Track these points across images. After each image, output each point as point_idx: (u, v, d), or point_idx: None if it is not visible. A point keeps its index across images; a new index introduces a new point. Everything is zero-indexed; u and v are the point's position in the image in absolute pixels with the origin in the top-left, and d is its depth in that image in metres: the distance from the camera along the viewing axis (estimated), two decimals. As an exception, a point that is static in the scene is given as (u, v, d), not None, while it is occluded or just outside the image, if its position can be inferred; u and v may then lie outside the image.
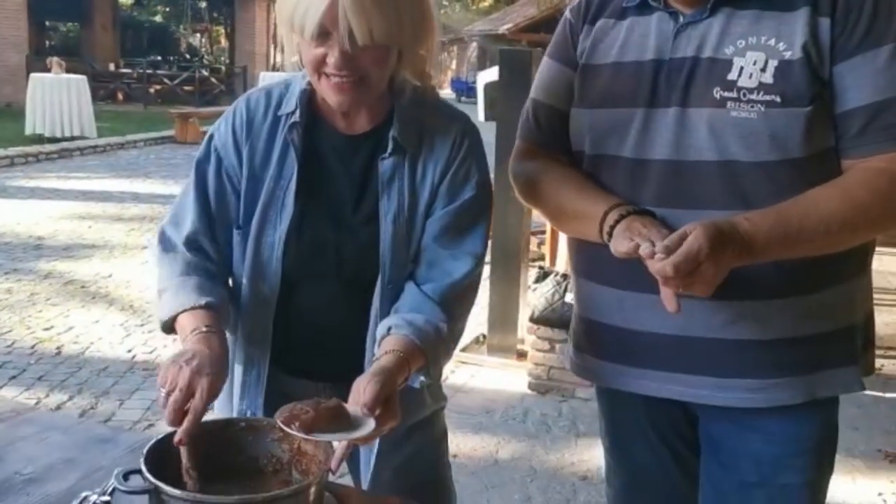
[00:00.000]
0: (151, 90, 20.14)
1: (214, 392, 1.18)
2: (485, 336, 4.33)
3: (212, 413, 1.26)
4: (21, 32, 18.01)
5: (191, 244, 1.39)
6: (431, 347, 1.29)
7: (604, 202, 1.32)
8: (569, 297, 3.81)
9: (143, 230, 7.04)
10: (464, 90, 26.24)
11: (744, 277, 1.26)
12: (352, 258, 1.37)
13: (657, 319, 1.34)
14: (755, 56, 1.25)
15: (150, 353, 4.26)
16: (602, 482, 3.02)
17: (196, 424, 1.14)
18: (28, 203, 7.90)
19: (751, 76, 1.24)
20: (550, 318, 3.83)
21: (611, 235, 1.27)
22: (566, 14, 1.50)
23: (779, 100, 1.23)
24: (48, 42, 21.99)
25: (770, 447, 1.36)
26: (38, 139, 11.62)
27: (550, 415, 3.66)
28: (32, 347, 4.27)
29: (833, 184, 1.24)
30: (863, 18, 1.22)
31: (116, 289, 5.35)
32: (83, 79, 12.66)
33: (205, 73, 21.41)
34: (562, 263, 4.45)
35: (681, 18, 1.31)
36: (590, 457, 3.27)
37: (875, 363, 1.46)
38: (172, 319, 1.31)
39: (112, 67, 21.25)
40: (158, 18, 29.86)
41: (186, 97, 19.56)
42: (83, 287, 5.35)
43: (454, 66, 42.58)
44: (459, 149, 1.37)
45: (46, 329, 4.55)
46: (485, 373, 4.06)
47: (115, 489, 1.15)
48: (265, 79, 13.35)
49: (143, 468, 1.07)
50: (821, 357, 1.33)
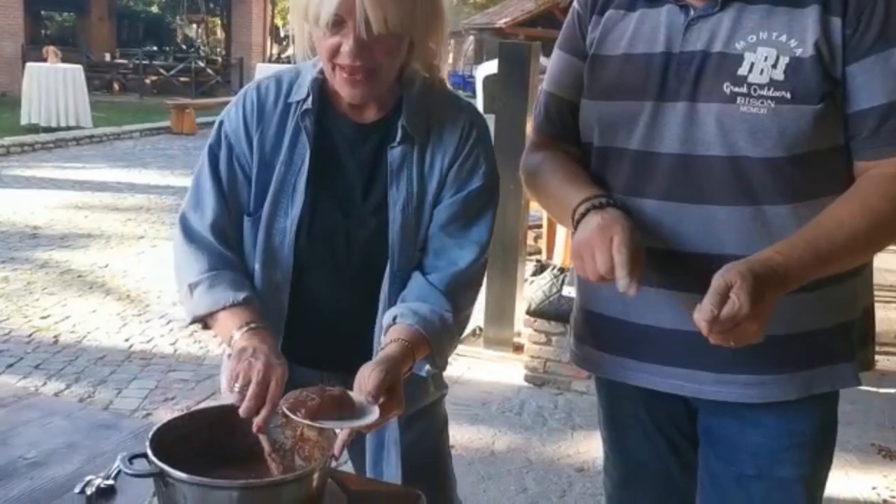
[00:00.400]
0: (147, 81, 20.08)
1: (283, 380, 1.20)
2: (481, 329, 4.34)
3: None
4: (17, 21, 17.93)
5: (215, 231, 1.39)
6: (436, 337, 1.30)
7: (579, 194, 1.32)
8: (566, 291, 3.82)
9: (140, 220, 7.03)
10: (460, 84, 26.20)
11: None
12: (361, 246, 1.38)
13: (658, 313, 1.35)
14: (766, 52, 1.25)
15: (148, 343, 4.26)
16: (598, 474, 3.05)
17: (270, 413, 1.17)
18: (24, 192, 7.88)
19: (761, 72, 1.24)
20: (547, 312, 3.85)
21: (577, 229, 1.29)
22: (574, 5, 1.50)
23: (789, 96, 1.23)
24: (44, 31, 21.90)
25: (767, 440, 1.37)
26: (34, 129, 11.57)
27: (546, 407, 3.68)
28: (30, 336, 4.27)
29: (851, 197, 1.25)
30: (875, 19, 1.22)
31: (113, 278, 5.35)
32: (79, 68, 12.62)
33: (201, 65, 21.34)
34: (559, 257, 4.46)
35: (691, 12, 1.31)
36: (586, 449, 3.28)
37: (874, 358, 1.47)
38: (205, 317, 1.33)
39: (108, 58, 21.18)
40: (154, 9, 29.71)
41: (182, 88, 19.51)
42: (80, 276, 5.35)
43: (451, 60, 42.60)
44: (468, 138, 1.38)
45: (44, 318, 4.55)
46: (481, 365, 4.08)
47: (120, 473, 1.16)
48: (261, 70, 13.33)
49: (149, 452, 1.08)
50: (818, 353, 1.34)
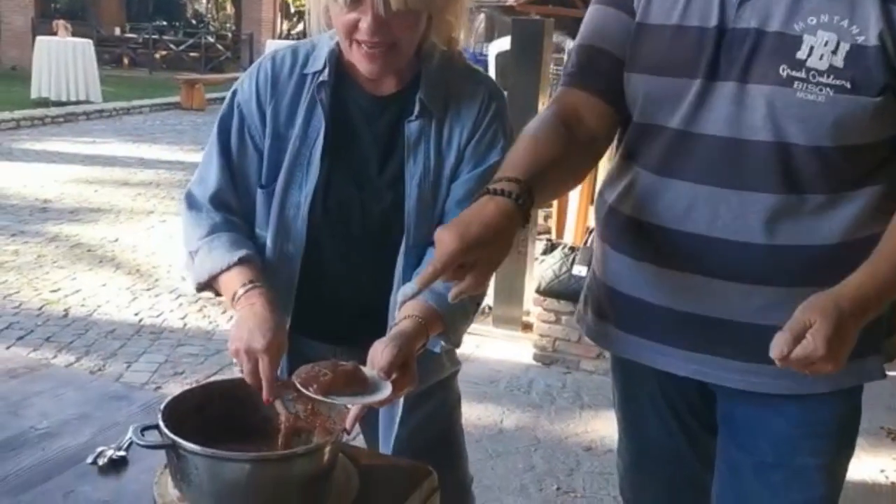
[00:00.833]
0: (157, 56, 20.00)
1: (276, 352, 1.21)
2: (491, 307, 4.33)
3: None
4: (27, -6, 17.89)
5: (215, 201, 1.39)
6: (450, 313, 1.29)
7: (505, 169, 1.16)
8: (576, 270, 3.81)
9: (149, 196, 7.03)
10: (472, 61, 26.04)
11: (783, 265, 1.25)
12: (376, 220, 1.37)
13: (687, 299, 1.32)
14: (826, 36, 1.18)
15: (157, 317, 4.27)
16: (606, 453, 3.06)
17: (272, 387, 1.19)
18: (34, 166, 7.88)
19: (821, 57, 1.18)
20: (557, 291, 3.83)
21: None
22: None
23: (848, 86, 1.17)
24: (54, 5, 21.77)
25: (789, 429, 1.34)
26: (44, 103, 11.56)
27: (555, 386, 3.68)
28: (40, 309, 4.29)
29: None
30: None
31: (123, 253, 5.35)
32: (89, 43, 12.59)
33: (210, 40, 21.21)
34: (569, 236, 4.45)
35: None
36: (594, 428, 3.28)
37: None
38: (209, 281, 1.34)
39: (118, 32, 21.08)
40: (164, -17, 29.57)
41: (192, 63, 19.43)
42: (90, 250, 5.36)
43: (462, 38, 42.16)
44: (486, 112, 1.37)
45: (54, 291, 4.56)
46: (490, 343, 4.07)
47: (132, 444, 1.16)
48: (271, 46, 13.25)
49: (161, 423, 1.08)
50: None
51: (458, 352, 1.55)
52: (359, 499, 1.14)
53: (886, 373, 1.36)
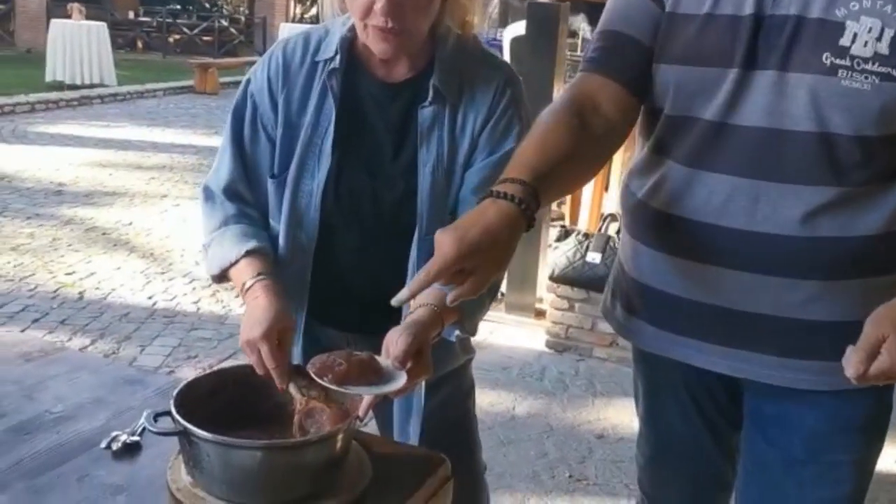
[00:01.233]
0: (171, 39, 20.00)
1: (275, 339, 1.21)
2: (503, 294, 4.32)
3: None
4: (41, -23, 17.90)
5: (228, 192, 1.40)
6: (466, 301, 1.27)
7: (511, 169, 1.14)
8: (590, 257, 3.79)
9: (163, 179, 7.04)
10: (486, 46, 25.85)
11: (823, 258, 1.22)
12: (389, 208, 1.36)
13: (720, 293, 1.29)
14: (870, 22, 1.14)
15: (171, 301, 4.29)
16: (618, 441, 3.05)
17: (281, 373, 1.20)
18: (49, 149, 7.91)
19: (865, 44, 1.14)
20: (570, 278, 3.82)
21: None
22: None
23: (895, 73, 1.14)
24: (68, -12, 21.85)
25: (822, 424, 1.32)
26: (59, 86, 11.59)
27: (567, 373, 3.67)
28: (55, 292, 4.31)
29: None
30: None
31: (137, 236, 5.37)
32: (103, 26, 12.59)
33: (224, 24, 21.18)
34: (583, 223, 4.42)
35: None
36: (606, 416, 3.28)
37: None
38: (221, 274, 1.34)
39: (132, 15, 21.07)
40: (178, -34, 29.55)
41: (205, 47, 19.41)
42: (104, 234, 5.38)
43: (476, 23, 41.92)
44: (501, 98, 1.35)
45: (69, 274, 4.59)
46: (503, 330, 4.07)
47: (145, 429, 1.16)
48: (284, 30, 13.22)
49: (173, 410, 1.08)
50: None
51: (471, 338, 1.54)
52: (371, 487, 1.14)
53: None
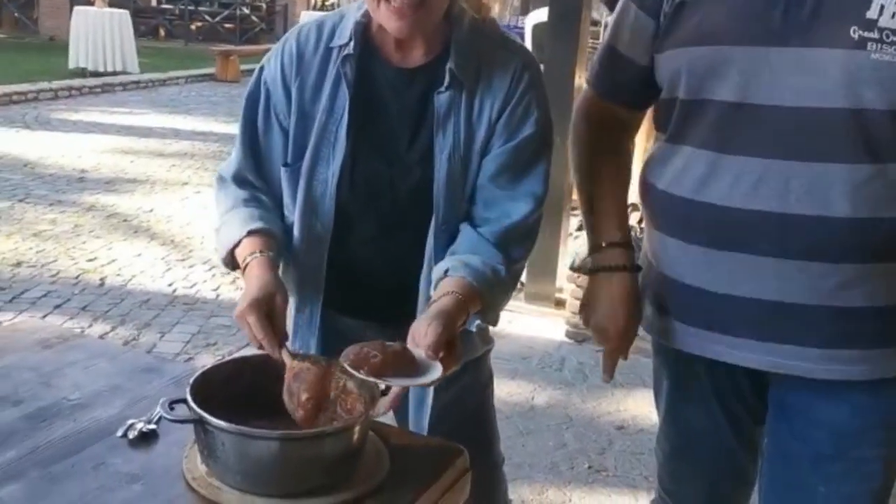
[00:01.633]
0: (193, 27, 20.06)
1: (259, 308, 1.18)
2: (523, 283, 4.29)
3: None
4: (64, -35, 17.99)
5: (238, 179, 1.40)
6: (489, 289, 1.25)
7: (602, 230, 1.43)
8: (611, 247, 3.74)
9: (184, 167, 7.07)
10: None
11: (862, 239, 1.18)
12: (405, 196, 1.34)
13: (755, 283, 1.25)
14: None
15: (191, 288, 4.31)
16: (638, 432, 3.03)
17: (270, 342, 1.18)
18: (71, 136, 7.96)
19: (893, 15, 1.11)
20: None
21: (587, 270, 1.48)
22: None
23: None
24: (91, -25, 21.97)
25: (850, 419, 1.28)
26: (82, 73, 11.66)
27: (587, 363, 3.64)
28: (76, 278, 4.34)
29: None
30: None
31: (158, 223, 5.40)
32: (126, 13, 12.63)
33: (245, 11, 21.21)
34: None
35: None
36: (626, 407, 3.25)
37: None
38: (229, 258, 1.33)
39: (154, 3, 21.16)
40: (200, -46, 29.58)
41: (227, 35, 19.46)
42: (125, 220, 5.41)
43: (496, 10, 41.81)
44: (519, 83, 1.32)
45: (90, 260, 4.61)
46: (522, 320, 4.04)
47: (161, 417, 1.15)
48: (305, 18, 13.20)
49: (189, 399, 1.07)
50: None
51: (490, 328, 1.52)
52: (389, 478, 1.13)
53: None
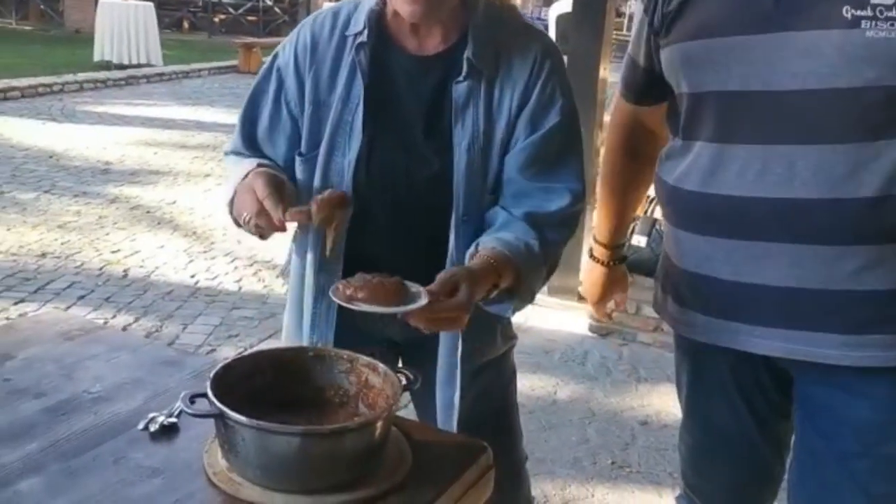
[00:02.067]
0: (216, 19, 20.14)
1: (292, 192, 1.22)
2: (545, 276, 4.27)
3: (279, 343, 1.24)
4: (89, -43, 18.11)
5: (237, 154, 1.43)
6: (522, 261, 1.22)
7: (598, 228, 1.65)
8: (634, 240, 3.70)
9: (207, 158, 7.09)
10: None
11: (873, 220, 1.16)
12: (423, 186, 1.31)
13: (771, 270, 1.24)
14: None
15: (213, 280, 4.32)
16: (662, 428, 2.99)
17: (275, 204, 1.18)
18: (96, 128, 8.02)
19: None
20: (614, 261, 3.74)
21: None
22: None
23: None
24: (116, -32, 22.09)
25: (875, 414, 1.26)
26: (106, 66, 11.74)
27: (611, 358, 3.61)
28: (100, 269, 4.37)
29: None
30: None
31: (180, 215, 5.42)
32: (150, 6, 12.69)
33: (268, 3, 21.25)
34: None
35: None
36: (650, 402, 3.22)
37: None
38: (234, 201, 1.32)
39: (177, -5, 21.27)
40: (224, -54, 29.66)
41: (250, 27, 19.52)
42: (149, 212, 5.44)
43: (519, 1, 41.67)
44: (540, 71, 1.29)
45: (114, 252, 4.64)
46: (544, 313, 4.01)
47: (182, 411, 1.14)
48: (328, 9, 13.20)
49: (210, 393, 1.06)
50: None
51: (513, 321, 1.50)
52: (411, 475, 1.10)
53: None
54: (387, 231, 1.35)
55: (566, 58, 4.05)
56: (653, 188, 1.48)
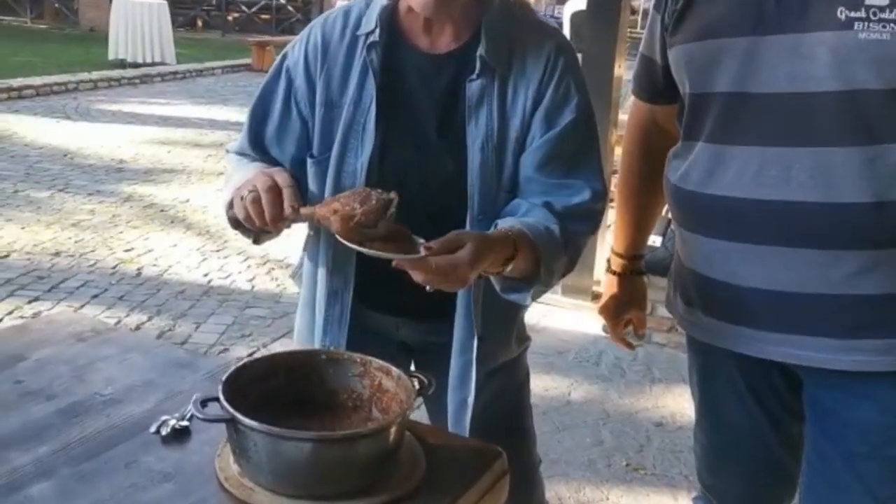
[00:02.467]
0: (229, 18, 20.20)
1: (296, 190, 1.20)
2: (559, 275, 4.24)
3: (292, 343, 1.23)
4: (104, -43, 18.20)
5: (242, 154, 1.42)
6: (542, 242, 1.19)
7: (616, 238, 1.66)
8: (650, 240, 3.67)
9: (220, 157, 7.10)
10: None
11: (868, 224, 1.16)
12: (437, 187, 1.30)
13: (766, 274, 1.24)
14: None
15: (226, 279, 4.32)
16: (678, 430, 2.97)
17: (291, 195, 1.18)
18: (110, 126, 8.05)
19: None
20: (629, 261, 3.71)
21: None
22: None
23: None
24: (130, -33, 22.19)
25: (881, 416, 1.26)
26: (121, 64, 11.80)
27: (625, 359, 3.58)
28: (114, 268, 4.38)
29: None
30: None
31: (193, 214, 5.43)
32: (164, 5, 12.74)
33: (282, 2, 21.30)
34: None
35: None
36: (665, 403, 3.19)
37: None
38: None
39: (191, -6, 21.34)
40: (237, -55, 29.74)
41: (263, 25, 19.58)
42: (162, 211, 5.45)
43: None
44: (554, 68, 1.27)
45: (127, 250, 4.65)
46: (558, 313, 3.99)
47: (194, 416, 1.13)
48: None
49: (221, 397, 1.04)
50: None
51: (526, 321, 1.49)
52: (425, 481, 1.09)
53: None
54: None
55: (580, 56, 4.00)
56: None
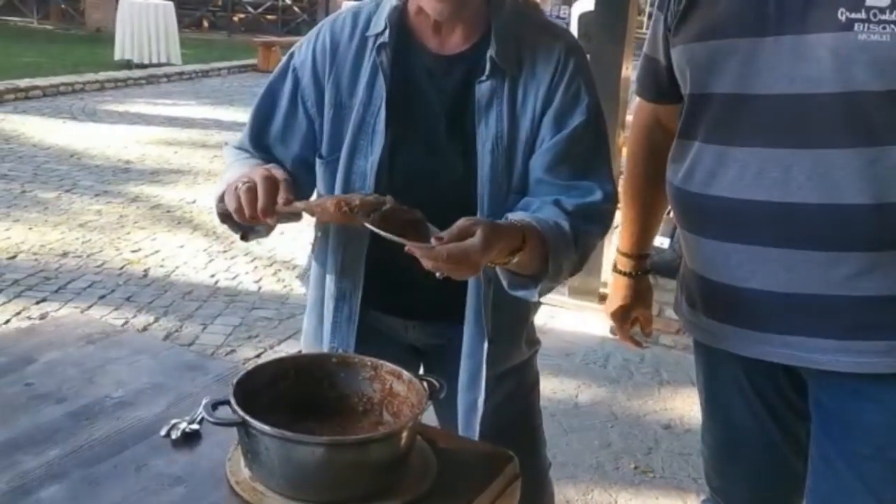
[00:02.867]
0: (235, 18, 20.23)
1: (290, 185, 1.19)
2: (566, 277, 4.23)
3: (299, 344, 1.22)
4: (110, -42, 18.23)
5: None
6: (551, 236, 1.18)
7: (622, 238, 1.64)
8: (657, 241, 3.66)
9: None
10: (547, 23, 25.49)
11: (867, 226, 1.16)
12: (446, 188, 1.29)
13: (765, 275, 1.24)
14: None
15: (233, 280, 4.32)
16: (686, 432, 2.95)
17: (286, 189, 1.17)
18: (117, 127, 8.06)
19: None
20: (636, 262, 3.70)
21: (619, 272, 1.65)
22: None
23: None
24: (136, -32, 22.23)
25: (885, 419, 1.25)
26: (127, 65, 11.81)
27: (633, 360, 3.56)
28: (121, 269, 4.38)
29: None
30: None
31: (200, 214, 5.43)
32: (170, 5, 12.76)
33: (288, 2, 21.32)
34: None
35: None
36: (673, 405, 3.18)
37: None
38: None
39: (197, -5, 21.37)
40: (243, -54, 29.76)
41: (269, 26, 19.59)
42: (169, 211, 5.45)
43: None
44: (564, 69, 1.26)
45: (134, 251, 4.65)
46: (565, 315, 3.98)
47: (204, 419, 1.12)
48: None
49: (232, 401, 1.04)
50: None
51: (534, 324, 1.48)
52: (436, 485, 1.08)
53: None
54: None
55: (589, 56, 4.02)
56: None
